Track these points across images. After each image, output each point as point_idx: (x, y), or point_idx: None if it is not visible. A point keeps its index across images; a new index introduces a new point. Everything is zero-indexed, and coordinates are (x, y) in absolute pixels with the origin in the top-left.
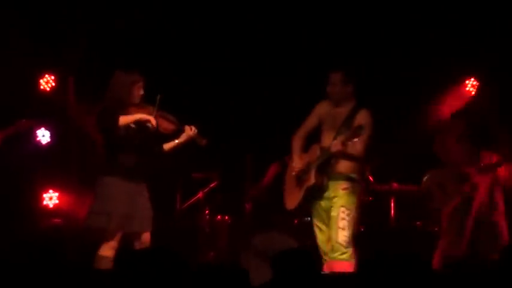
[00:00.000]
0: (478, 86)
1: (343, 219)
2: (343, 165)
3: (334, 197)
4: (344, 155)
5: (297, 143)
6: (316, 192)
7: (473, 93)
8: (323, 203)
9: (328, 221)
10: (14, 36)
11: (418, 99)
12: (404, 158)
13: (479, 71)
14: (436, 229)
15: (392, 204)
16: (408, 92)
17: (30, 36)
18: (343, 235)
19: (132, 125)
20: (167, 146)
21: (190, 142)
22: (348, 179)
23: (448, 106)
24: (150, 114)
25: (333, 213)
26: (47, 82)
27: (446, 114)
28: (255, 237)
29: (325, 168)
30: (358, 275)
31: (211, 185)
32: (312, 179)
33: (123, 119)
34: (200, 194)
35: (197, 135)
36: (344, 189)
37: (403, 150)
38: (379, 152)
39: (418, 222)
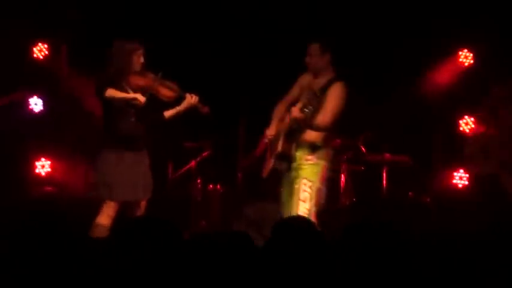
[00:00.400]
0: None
1: (305, 191)
2: (309, 134)
3: (298, 168)
4: (306, 123)
5: (277, 111)
6: (285, 161)
7: (466, 64)
8: (291, 173)
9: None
10: (7, 4)
11: (411, 70)
12: (397, 129)
13: (473, 42)
14: (427, 200)
15: (384, 175)
16: (401, 63)
17: (23, 4)
18: (303, 207)
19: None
20: (168, 114)
21: (191, 110)
22: (313, 148)
23: (441, 77)
24: (151, 82)
25: (296, 185)
26: (40, 50)
27: (439, 85)
28: (247, 207)
29: (294, 136)
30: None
31: (204, 155)
32: (280, 146)
33: (110, 93)
34: (192, 163)
35: (198, 103)
36: (307, 160)
37: (396, 121)
38: (372, 123)
39: (410, 193)
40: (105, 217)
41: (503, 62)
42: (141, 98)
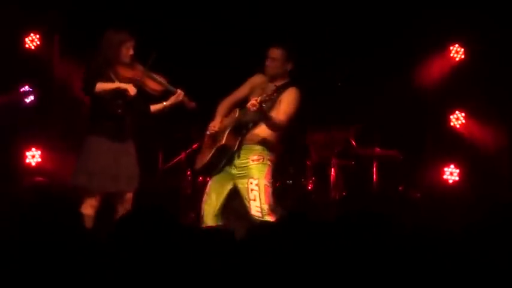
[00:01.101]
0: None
1: (252, 190)
2: (262, 130)
3: (243, 167)
4: (263, 117)
5: (222, 106)
6: (225, 155)
7: (457, 59)
8: (232, 170)
9: (224, 188)
10: None
11: (402, 65)
12: (387, 123)
13: (464, 36)
14: (417, 195)
15: (374, 169)
16: (392, 57)
17: None
18: (255, 206)
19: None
20: (154, 108)
21: (178, 105)
22: (260, 149)
23: (433, 72)
24: (139, 74)
25: (240, 185)
26: (32, 40)
27: (430, 80)
28: (235, 199)
29: (240, 132)
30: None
31: (194, 146)
32: (223, 140)
33: (100, 86)
34: (182, 155)
35: (185, 99)
36: (254, 160)
37: (387, 115)
38: (363, 116)
39: (400, 187)
40: (87, 207)
41: (494, 57)
42: (132, 90)
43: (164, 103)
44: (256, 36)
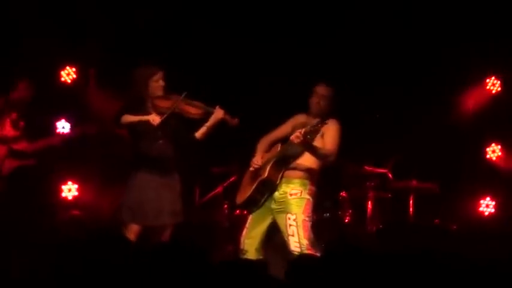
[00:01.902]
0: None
1: (291, 225)
2: (302, 165)
3: (281, 201)
4: (311, 145)
5: (262, 143)
6: (268, 189)
7: (493, 91)
8: (271, 204)
9: (264, 222)
10: (36, 28)
11: (439, 97)
12: (425, 155)
13: (501, 69)
14: (454, 227)
15: (411, 202)
16: (429, 90)
17: (52, 28)
18: (294, 241)
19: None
20: (199, 133)
21: (220, 123)
22: (299, 183)
23: (469, 104)
24: (175, 103)
25: (279, 220)
26: (68, 74)
27: (467, 112)
28: (275, 233)
29: (283, 165)
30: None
31: (231, 180)
32: (266, 173)
33: (125, 118)
34: (219, 189)
35: (226, 116)
36: (292, 194)
37: (424, 147)
38: (400, 149)
39: (436, 220)
40: None
41: None
42: (155, 119)
43: (206, 124)
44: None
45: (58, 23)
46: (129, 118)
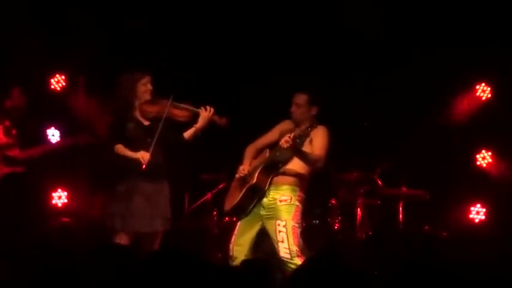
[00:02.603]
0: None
1: (280, 231)
2: (291, 170)
3: (271, 207)
4: (299, 150)
5: (249, 150)
6: (257, 194)
7: (483, 98)
8: (260, 211)
9: (252, 229)
10: (25, 35)
11: (429, 104)
12: (413, 162)
13: (491, 75)
14: (444, 234)
15: (400, 208)
16: (418, 96)
17: (40, 36)
18: (283, 248)
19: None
20: (187, 134)
21: (209, 124)
22: (289, 189)
23: (459, 111)
24: (163, 107)
25: (269, 226)
26: (57, 82)
27: (456, 119)
28: (263, 240)
29: (272, 171)
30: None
31: (220, 187)
32: (254, 179)
33: (118, 150)
34: (208, 196)
35: (214, 115)
36: (281, 201)
37: (413, 154)
38: (389, 155)
39: (426, 227)
40: None
41: None
42: (145, 157)
43: (195, 125)
44: (283, 82)
45: (47, 30)
46: (121, 151)
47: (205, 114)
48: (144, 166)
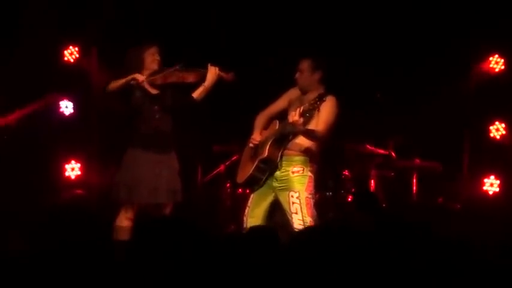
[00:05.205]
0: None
1: (294, 203)
2: (299, 145)
3: (284, 179)
4: (302, 129)
5: (260, 119)
6: (269, 167)
7: (497, 69)
8: (273, 183)
9: (265, 201)
10: (38, 7)
11: (442, 76)
12: (427, 134)
13: (504, 47)
14: (458, 206)
15: (414, 180)
16: (431, 69)
17: (54, 8)
18: (297, 219)
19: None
20: (196, 94)
21: (217, 82)
22: (301, 160)
23: (472, 83)
24: (172, 74)
25: (282, 198)
26: (70, 53)
27: (470, 91)
28: (276, 212)
29: (282, 143)
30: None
31: (233, 158)
32: (265, 152)
33: (110, 85)
34: (222, 167)
35: (222, 73)
36: (294, 172)
37: (427, 126)
38: (402, 128)
39: (439, 199)
40: (123, 220)
41: None
42: (140, 76)
43: (204, 84)
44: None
45: (60, 2)
46: (113, 83)
47: (213, 69)
48: (140, 81)
